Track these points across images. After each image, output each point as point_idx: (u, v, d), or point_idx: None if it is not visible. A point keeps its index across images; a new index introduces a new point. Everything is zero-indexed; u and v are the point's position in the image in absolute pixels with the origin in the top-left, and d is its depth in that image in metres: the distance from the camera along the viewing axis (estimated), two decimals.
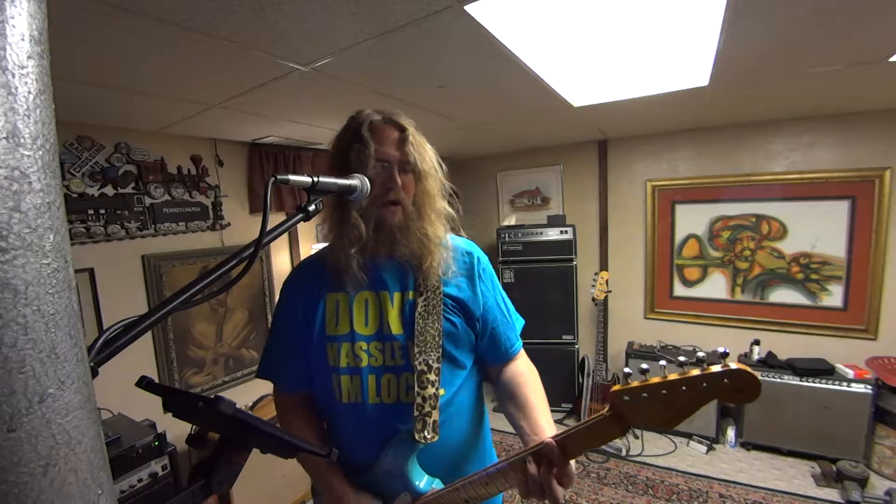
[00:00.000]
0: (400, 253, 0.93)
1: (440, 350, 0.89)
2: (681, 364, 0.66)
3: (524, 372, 1.01)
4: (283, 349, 0.98)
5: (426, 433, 0.84)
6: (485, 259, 1.05)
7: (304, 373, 0.96)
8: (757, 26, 1.35)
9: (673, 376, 0.64)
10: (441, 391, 0.89)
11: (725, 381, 0.61)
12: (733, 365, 0.61)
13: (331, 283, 0.94)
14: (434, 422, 0.85)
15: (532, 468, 0.74)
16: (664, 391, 0.65)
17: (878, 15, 1.28)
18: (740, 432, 2.94)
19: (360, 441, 0.91)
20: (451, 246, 0.99)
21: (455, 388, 0.93)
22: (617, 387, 0.69)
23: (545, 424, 0.87)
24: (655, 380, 0.66)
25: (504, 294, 1.06)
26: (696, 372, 0.63)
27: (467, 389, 0.97)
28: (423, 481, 0.87)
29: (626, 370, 0.74)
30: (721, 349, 0.66)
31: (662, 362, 0.72)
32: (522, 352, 1.06)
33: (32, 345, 0.31)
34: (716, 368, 0.62)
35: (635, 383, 0.68)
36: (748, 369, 0.59)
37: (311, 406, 1.00)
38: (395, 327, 0.91)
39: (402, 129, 0.91)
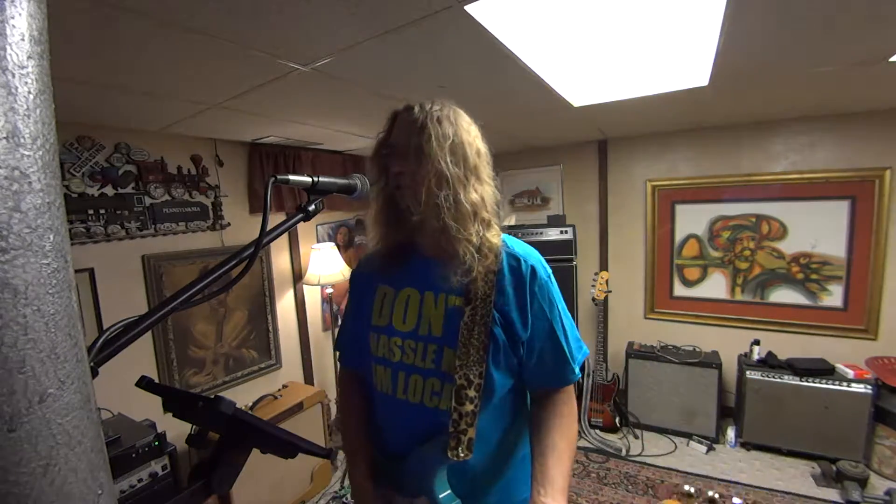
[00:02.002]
0: (444, 248, 0.86)
1: (483, 365, 0.83)
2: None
3: (561, 412, 0.91)
4: (346, 328, 1.08)
5: (460, 451, 0.80)
6: (544, 273, 0.90)
7: (358, 353, 1.02)
8: (757, 26, 1.35)
9: None
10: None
11: None
12: None
13: (383, 276, 0.98)
14: (469, 440, 0.81)
15: None
16: None
17: (878, 15, 1.28)
18: (740, 432, 2.94)
19: (390, 430, 0.95)
20: (509, 251, 0.90)
21: (484, 410, 0.86)
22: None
23: (555, 476, 0.81)
24: None
25: (565, 317, 0.92)
26: None
27: (497, 415, 0.91)
28: (445, 495, 0.86)
29: (689, 488, 0.61)
30: (711, 493, 0.52)
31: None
32: (570, 391, 0.94)
33: (32, 345, 0.31)
34: None
35: None
36: None
37: (364, 388, 1.05)
38: (436, 329, 0.88)
39: (409, 110, 0.86)
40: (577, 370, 0.92)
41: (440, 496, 0.85)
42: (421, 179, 0.82)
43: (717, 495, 2.34)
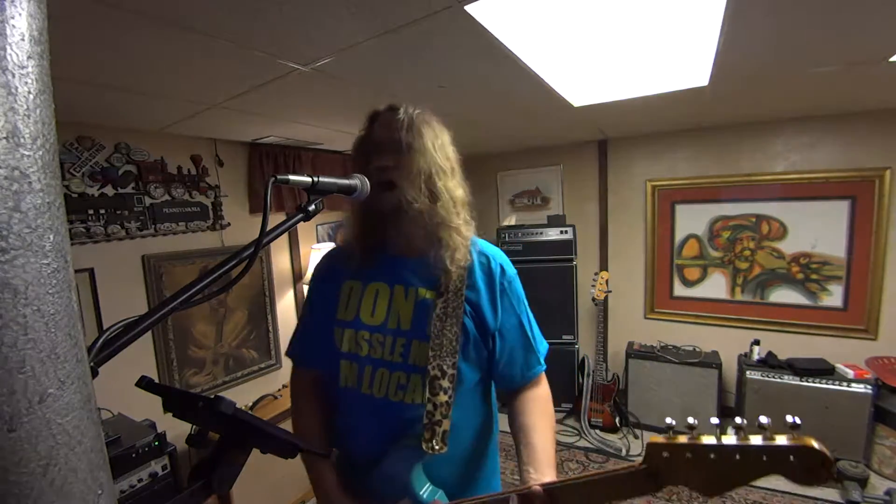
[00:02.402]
0: (416, 246, 0.91)
1: (456, 356, 0.85)
2: (737, 428, 0.55)
3: (538, 398, 0.95)
4: (303, 328, 1.04)
5: (434, 443, 0.81)
6: (512, 271, 0.97)
7: (317, 352, 0.98)
8: (757, 26, 1.35)
9: (727, 439, 0.56)
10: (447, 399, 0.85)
11: (792, 458, 0.51)
12: (807, 441, 0.50)
13: (350, 271, 0.96)
14: (444, 432, 0.82)
15: None
16: (713, 455, 0.56)
17: (878, 15, 1.28)
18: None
19: (355, 430, 0.92)
20: (478, 249, 0.95)
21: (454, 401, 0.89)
22: (656, 438, 0.60)
23: (542, 455, 0.84)
24: (707, 439, 0.57)
25: (529, 313, 0.98)
26: (756, 441, 0.53)
27: (469, 406, 0.93)
28: (427, 491, 0.85)
29: (669, 420, 0.61)
30: (791, 419, 0.52)
31: (714, 420, 0.59)
32: (542, 377, 0.99)
33: (32, 345, 0.31)
34: (782, 441, 0.52)
35: (680, 439, 0.59)
36: (824, 449, 0.50)
37: (322, 390, 1.00)
38: (405, 322, 0.89)
39: (394, 110, 0.89)
40: (542, 361, 0.98)
41: (421, 492, 0.84)
42: (417, 172, 0.86)
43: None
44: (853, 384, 2.58)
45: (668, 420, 0.62)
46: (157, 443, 1.84)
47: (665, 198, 3.41)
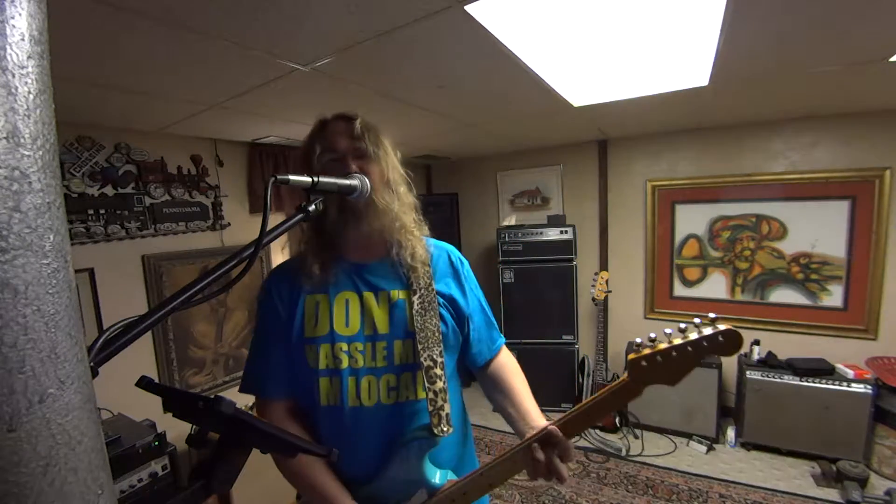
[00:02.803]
0: (376, 249, 0.94)
1: (440, 346, 0.90)
2: (680, 330, 0.80)
3: (506, 363, 1.06)
4: (263, 356, 0.94)
5: (443, 426, 0.86)
6: (466, 261, 1.08)
7: (286, 377, 0.91)
8: (757, 26, 1.35)
9: (676, 340, 0.78)
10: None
11: (720, 338, 0.76)
12: (722, 326, 0.77)
13: (310, 285, 0.92)
14: (447, 415, 0.87)
15: (539, 454, 0.80)
16: (674, 353, 0.78)
17: (877, 15, 1.28)
18: (740, 432, 2.94)
19: (342, 448, 0.84)
20: (432, 245, 1.02)
21: None
22: (633, 355, 0.80)
23: (530, 408, 0.93)
24: (664, 345, 0.79)
25: (482, 293, 1.09)
26: (695, 335, 0.78)
27: (451, 389, 0.94)
28: (438, 476, 0.88)
29: (637, 340, 0.82)
30: (711, 314, 0.79)
31: (667, 330, 0.81)
32: (504, 346, 1.10)
33: (32, 345, 0.31)
34: (709, 330, 0.78)
35: (647, 350, 0.79)
36: (734, 329, 0.77)
37: (300, 417, 0.94)
38: (381, 326, 0.90)
39: (351, 119, 0.91)
40: (500, 334, 1.10)
41: (434, 479, 0.86)
42: (380, 176, 0.90)
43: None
44: (853, 384, 2.58)
45: (637, 340, 0.82)
46: (157, 443, 1.84)
47: (665, 198, 3.41)
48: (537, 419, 0.90)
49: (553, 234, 3.48)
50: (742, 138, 3.08)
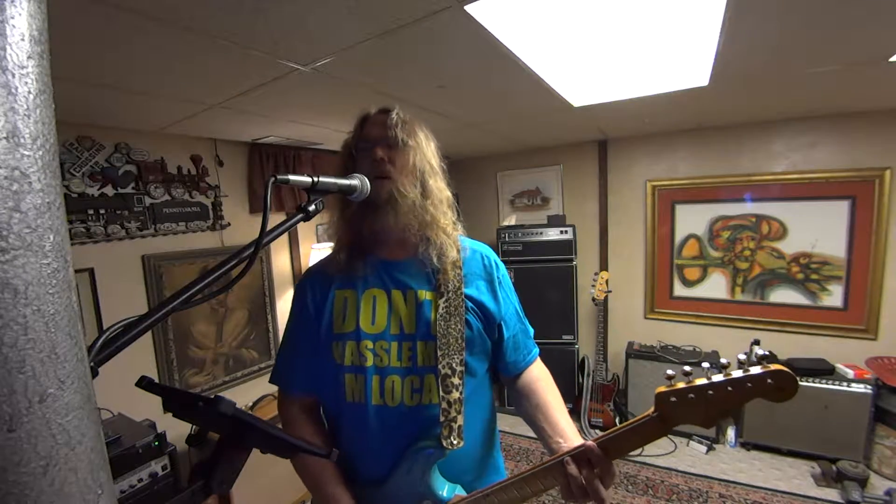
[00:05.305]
0: (406, 245, 0.91)
1: (462, 353, 0.87)
2: (721, 367, 0.69)
3: (541, 377, 1.01)
4: (291, 350, 0.98)
5: (453, 439, 0.82)
6: (502, 264, 1.03)
7: (309, 373, 0.94)
8: (757, 26, 1.35)
9: (717, 377, 0.67)
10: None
11: (769, 381, 0.64)
12: (773, 366, 0.65)
13: (340, 281, 0.93)
14: (459, 427, 0.83)
15: (573, 469, 0.74)
16: (710, 392, 0.67)
17: (877, 15, 1.28)
18: (740, 432, 2.94)
19: (364, 446, 0.89)
20: (466, 246, 0.98)
21: (465, 396, 0.89)
22: (662, 388, 0.70)
23: (566, 425, 0.87)
24: (701, 381, 0.68)
25: (518, 300, 1.05)
26: (739, 373, 0.66)
27: (478, 398, 0.94)
28: (446, 489, 0.85)
29: (670, 371, 0.72)
30: (760, 351, 0.68)
31: (706, 364, 0.73)
32: (538, 357, 1.05)
33: (32, 345, 0.31)
34: (758, 370, 0.65)
35: (680, 384, 0.69)
36: (788, 370, 0.64)
37: (316, 414, 0.98)
38: (408, 326, 0.89)
39: (388, 111, 0.91)
40: (535, 343, 1.06)
41: (440, 493, 0.84)
42: (411, 167, 0.89)
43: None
44: (853, 384, 2.58)
45: (669, 371, 0.72)
46: (157, 443, 1.84)
47: (665, 198, 3.41)
48: (573, 438, 0.84)
49: (553, 234, 3.48)
50: (742, 138, 3.08)
